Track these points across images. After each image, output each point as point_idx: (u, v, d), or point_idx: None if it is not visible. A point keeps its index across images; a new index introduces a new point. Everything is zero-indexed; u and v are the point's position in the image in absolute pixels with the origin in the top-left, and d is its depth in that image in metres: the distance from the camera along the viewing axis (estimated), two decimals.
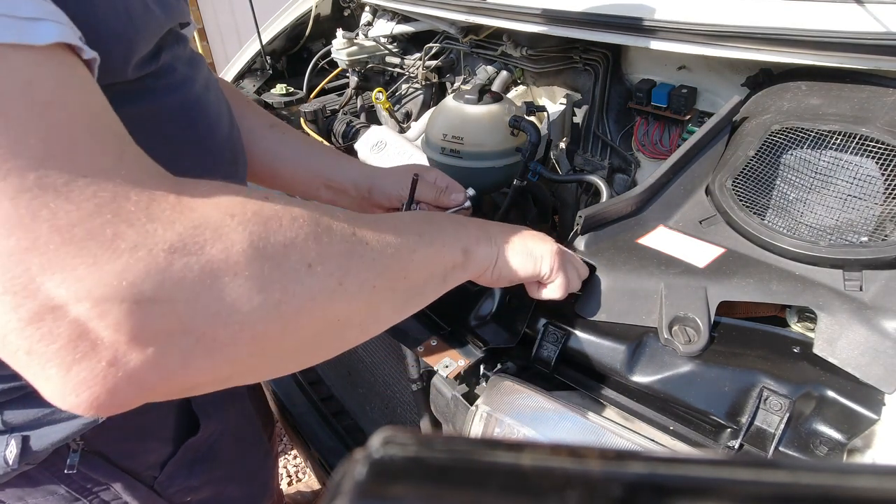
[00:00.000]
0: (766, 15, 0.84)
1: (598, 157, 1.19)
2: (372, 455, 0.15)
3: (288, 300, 0.35)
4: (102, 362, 0.30)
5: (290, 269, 0.36)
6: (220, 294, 0.32)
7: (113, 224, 0.30)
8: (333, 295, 0.38)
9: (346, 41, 1.50)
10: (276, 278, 0.35)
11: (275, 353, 0.37)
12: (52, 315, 0.29)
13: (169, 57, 0.55)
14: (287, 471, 1.71)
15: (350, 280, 0.40)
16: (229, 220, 0.34)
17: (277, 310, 0.35)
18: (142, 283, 0.30)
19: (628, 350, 0.61)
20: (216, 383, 0.36)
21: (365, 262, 0.41)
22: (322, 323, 0.39)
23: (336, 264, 0.39)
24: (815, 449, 0.51)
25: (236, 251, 0.33)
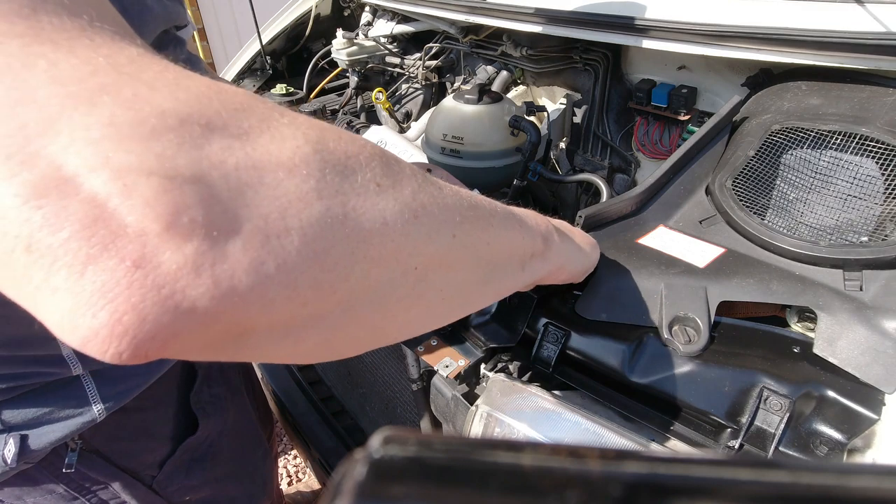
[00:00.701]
0: (766, 15, 0.84)
1: (598, 157, 1.19)
2: (372, 455, 0.15)
3: (354, 218, 0.28)
4: (127, 261, 0.21)
5: (357, 182, 0.28)
6: (273, 191, 0.25)
7: (132, 84, 0.23)
8: (409, 226, 0.31)
9: (346, 41, 1.50)
10: (340, 188, 0.27)
11: (343, 293, 0.29)
12: (60, 189, 0.21)
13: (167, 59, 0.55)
14: (287, 471, 1.71)
15: (426, 217, 0.32)
16: (278, 115, 0.27)
17: (343, 225, 0.27)
18: (174, 155, 0.22)
19: (628, 350, 0.61)
20: (273, 334, 0.27)
21: (441, 204, 0.34)
22: (397, 263, 0.31)
23: (410, 194, 0.31)
24: (815, 449, 0.51)
25: (290, 147, 0.26)
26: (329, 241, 0.27)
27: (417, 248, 0.32)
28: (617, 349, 0.62)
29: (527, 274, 0.46)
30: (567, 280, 0.57)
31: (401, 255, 0.31)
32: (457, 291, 0.38)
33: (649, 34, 0.93)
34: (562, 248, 0.51)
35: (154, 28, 0.52)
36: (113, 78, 0.23)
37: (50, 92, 0.21)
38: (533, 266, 0.46)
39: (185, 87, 0.24)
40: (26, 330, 0.54)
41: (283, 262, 0.25)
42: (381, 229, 0.29)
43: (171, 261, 0.22)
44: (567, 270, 0.54)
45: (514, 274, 0.45)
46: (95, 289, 0.21)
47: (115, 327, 0.21)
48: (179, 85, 0.24)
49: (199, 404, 0.78)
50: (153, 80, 0.24)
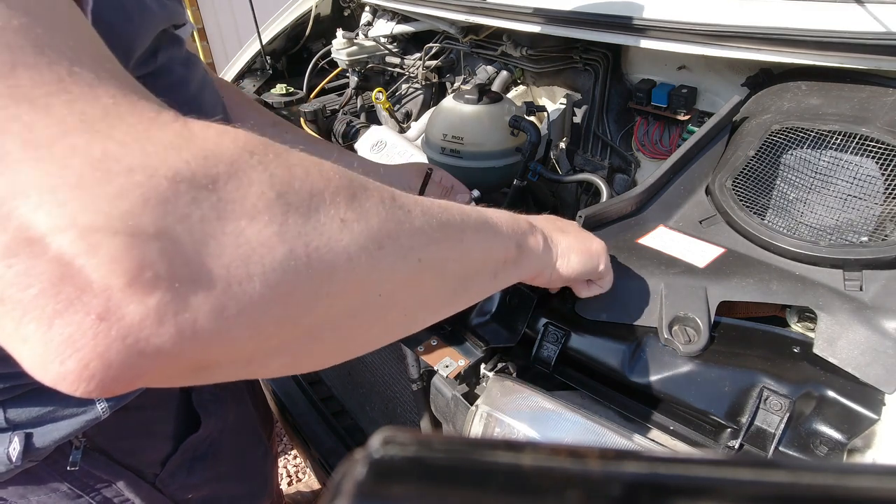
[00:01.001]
0: (766, 15, 0.84)
1: (598, 157, 1.19)
2: (372, 455, 0.15)
3: (319, 257, 0.29)
4: (92, 314, 0.23)
5: (320, 221, 0.29)
6: (236, 240, 0.26)
7: (103, 142, 0.24)
8: (373, 259, 0.32)
9: (346, 41, 1.50)
10: (303, 230, 0.28)
11: (307, 326, 0.31)
12: (29, 249, 0.22)
13: (165, 58, 0.55)
14: (287, 471, 1.71)
15: (392, 245, 0.33)
16: (247, 156, 0.28)
17: (307, 266, 0.28)
18: (140, 213, 0.23)
19: (628, 350, 0.61)
20: (236, 365, 0.29)
21: (408, 229, 0.35)
22: (360, 294, 0.32)
23: (375, 225, 0.32)
24: (815, 449, 0.51)
25: (255, 192, 0.27)
26: (292, 282, 0.28)
27: (382, 277, 0.33)
28: (617, 349, 0.62)
29: (499, 280, 0.47)
30: (555, 284, 0.56)
31: (365, 286, 0.33)
32: (423, 307, 0.40)
33: (649, 34, 0.93)
34: (537, 253, 0.50)
35: (153, 27, 0.52)
36: (84, 138, 0.24)
37: (22, 156, 0.23)
38: (506, 272, 0.47)
39: (155, 140, 0.25)
40: None
41: (245, 306, 0.26)
42: (344, 265, 0.30)
43: (135, 313, 0.23)
44: (546, 276, 0.54)
45: (485, 282, 0.46)
46: (62, 339, 0.23)
47: (83, 372, 0.23)
48: (150, 138, 0.25)
49: (201, 403, 0.79)
50: (124, 136, 0.25)
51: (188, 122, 0.28)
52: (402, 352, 0.86)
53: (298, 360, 0.33)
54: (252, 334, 0.28)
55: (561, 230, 0.56)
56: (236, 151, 0.28)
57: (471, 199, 0.87)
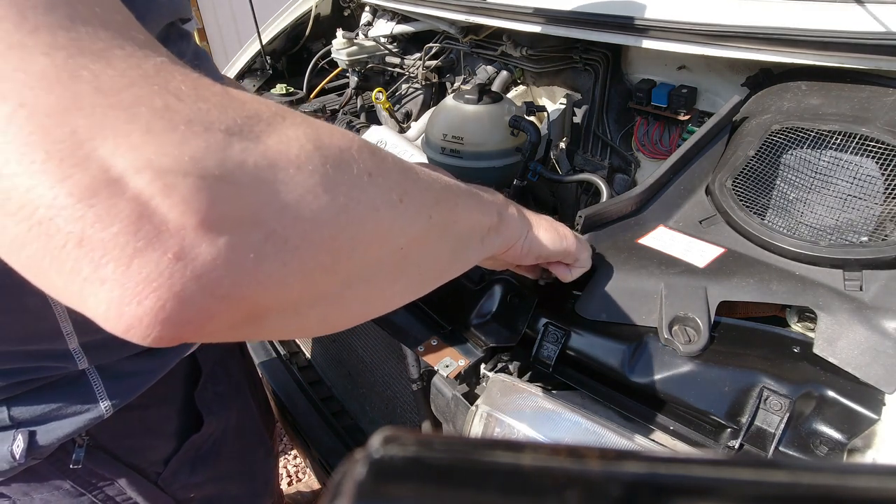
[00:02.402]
0: (766, 15, 0.84)
1: (598, 157, 1.19)
2: (372, 455, 0.15)
3: (353, 206, 0.31)
4: (169, 253, 0.24)
5: (352, 174, 0.32)
6: (286, 187, 0.28)
7: (162, 95, 0.25)
8: (395, 211, 0.35)
9: (346, 41, 1.50)
10: (339, 180, 0.31)
11: (344, 273, 0.33)
12: (109, 188, 0.23)
13: (174, 52, 0.55)
14: (287, 471, 1.71)
15: (409, 200, 0.37)
16: (280, 119, 0.30)
17: (346, 214, 0.31)
18: (204, 157, 0.25)
19: (628, 350, 0.61)
20: (285, 313, 0.31)
21: (420, 187, 0.39)
22: (386, 244, 0.35)
23: (395, 180, 0.36)
24: (815, 449, 0.51)
25: (295, 145, 0.29)
26: (334, 228, 0.30)
27: (403, 230, 0.36)
28: (617, 349, 0.62)
29: (486, 247, 0.50)
30: (526, 259, 0.58)
31: (389, 237, 0.36)
32: (432, 265, 0.43)
33: (649, 34, 0.93)
34: (515, 222, 0.54)
35: (160, 20, 0.52)
36: (146, 90, 0.25)
37: (95, 101, 0.24)
38: (490, 239, 0.51)
39: (204, 97, 0.27)
40: (34, 325, 0.55)
41: (298, 248, 0.29)
42: (373, 215, 0.33)
43: (207, 253, 0.25)
44: (519, 247, 0.56)
45: (476, 247, 0.49)
46: (141, 279, 0.24)
47: (159, 314, 0.24)
48: (200, 95, 0.27)
49: (204, 402, 0.79)
50: (178, 91, 0.26)
51: (226, 87, 0.30)
52: (402, 352, 0.86)
53: (333, 313, 0.36)
54: (302, 278, 0.29)
55: (530, 212, 0.59)
56: (271, 113, 0.30)
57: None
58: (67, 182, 0.23)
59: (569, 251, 0.60)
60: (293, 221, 0.28)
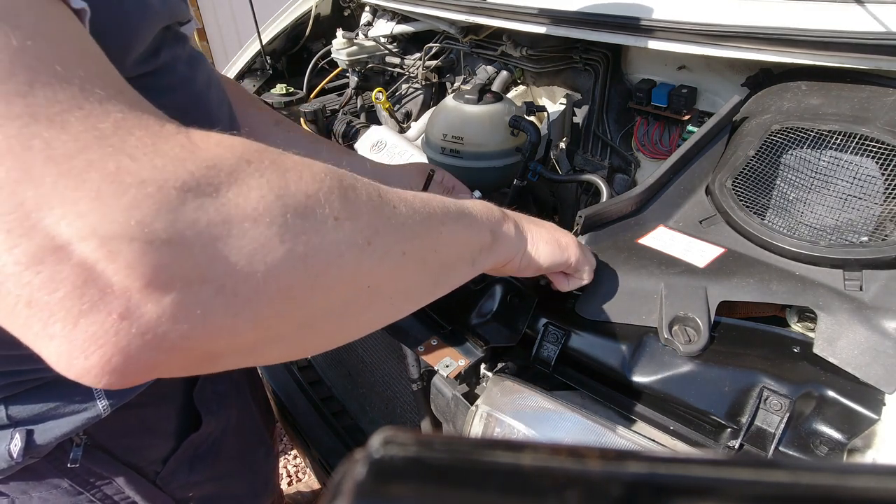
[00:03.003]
0: (766, 15, 0.84)
1: (598, 157, 1.19)
2: (372, 455, 0.15)
3: (313, 255, 0.32)
4: (113, 314, 0.26)
5: (316, 220, 0.32)
6: (240, 241, 0.29)
7: (116, 157, 0.26)
8: (362, 254, 0.35)
9: (346, 41, 1.50)
10: (300, 229, 0.31)
11: (303, 317, 0.34)
12: (54, 256, 0.25)
13: (168, 56, 0.55)
14: (287, 471, 1.71)
15: (379, 241, 0.36)
16: (245, 165, 0.30)
17: (304, 263, 0.31)
18: (153, 221, 0.26)
19: (628, 350, 0.61)
20: (240, 353, 0.32)
21: (393, 224, 0.38)
22: (351, 286, 0.36)
23: (364, 222, 0.35)
24: (815, 449, 0.51)
25: (255, 196, 0.30)
26: (291, 277, 0.31)
27: (370, 271, 0.36)
28: (617, 349, 0.62)
29: (476, 267, 0.51)
30: (525, 272, 0.58)
31: (355, 279, 0.36)
32: (408, 296, 0.43)
33: (649, 34, 0.93)
34: (510, 240, 0.54)
35: (154, 25, 0.51)
36: (99, 153, 0.26)
37: (45, 171, 0.25)
38: (482, 258, 0.51)
39: (162, 152, 0.28)
40: None
41: (250, 300, 0.30)
42: (337, 261, 0.33)
43: (152, 311, 0.26)
44: (517, 262, 0.56)
45: (463, 270, 0.49)
46: (87, 337, 0.26)
47: (105, 366, 0.26)
48: (157, 151, 0.28)
49: (203, 401, 0.79)
50: (134, 150, 0.27)
51: (190, 132, 0.30)
52: (402, 352, 0.86)
53: (295, 347, 0.37)
54: (255, 326, 0.31)
55: (532, 222, 0.59)
56: (235, 160, 0.30)
57: (472, 199, 0.87)
58: (15, 251, 0.24)
59: (569, 264, 0.61)
60: (245, 276, 0.29)
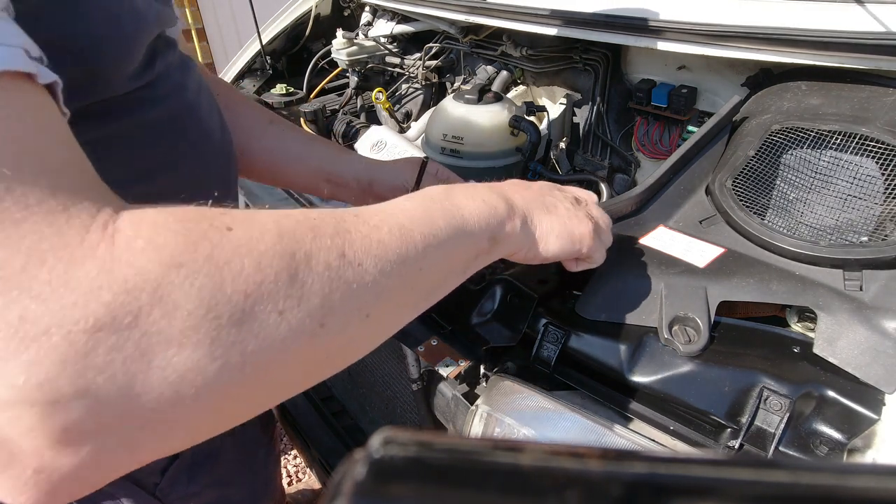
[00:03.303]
0: (766, 15, 0.84)
1: (598, 157, 1.19)
2: (372, 455, 0.15)
3: (251, 360, 0.29)
4: (28, 470, 0.25)
5: (256, 322, 0.29)
6: (163, 373, 0.26)
7: (20, 302, 0.24)
8: (313, 338, 0.32)
9: (346, 41, 1.50)
10: (235, 339, 0.28)
11: (242, 415, 0.33)
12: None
13: (163, 65, 0.54)
14: (287, 471, 1.71)
15: (334, 319, 0.33)
16: (174, 273, 0.27)
17: (241, 371, 0.29)
18: (57, 377, 0.24)
19: (628, 350, 0.61)
20: (178, 449, 0.32)
21: (356, 290, 0.34)
22: (299, 367, 0.33)
23: (317, 304, 0.32)
24: (815, 449, 0.51)
25: (181, 316, 0.27)
26: (227, 389, 0.29)
27: (326, 350, 0.34)
28: (617, 349, 0.62)
29: (469, 271, 0.47)
30: (532, 261, 0.54)
31: (305, 363, 0.33)
32: (376, 334, 0.41)
33: (649, 34, 0.93)
34: (515, 239, 0.50)
35: (148, 34, 0.51)
36: (2, 301, 0.24)
37: None
38: (477, 263, 0.47)
39: (74, 283, 0.25)
40: None
41: (180, 422, 0.28)
42: (281, 357, 0.31)
43: (68, 464, 0.26)
44: (523, 254, 0.53)
45: (453, 281, 0.45)
46: (11, 486, 0.26)
47: (38, 503, 0.26)
48: (69, 282, 0.25)
49: None
50: (43, 287, 0.24)
51: (115, 238, 0.27)
52: (402, 352, 0.86)
53: (232, 423, 0.34)
54: (186, 443, 0.31)
55: (547, 208, 0.53)
56: (162, 271, 0.27)
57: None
58: None
59: (580, 253, 0.57)
60: (171, 406, 0.27)
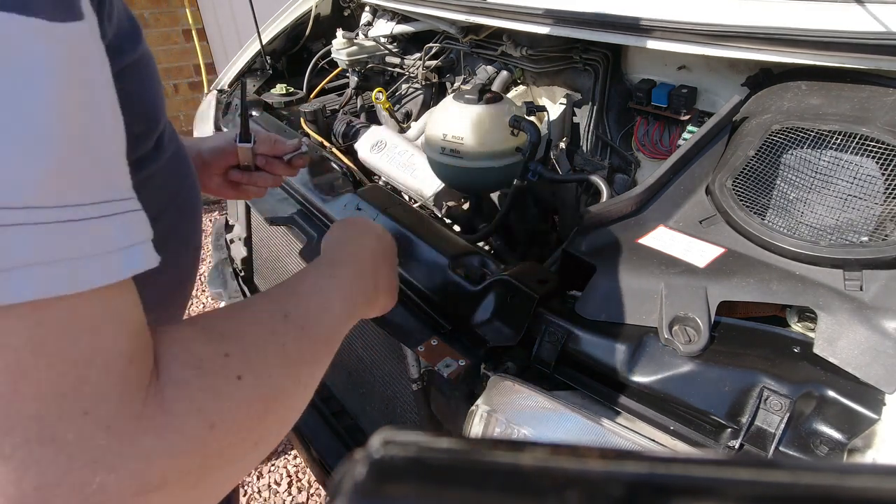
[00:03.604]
0: (766, 15, 0.84)
1: (598, 157, 1.19)
2: (372, 455, 0.15)
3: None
4: None
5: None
6: None
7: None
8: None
9: (346, 41, 1.50)
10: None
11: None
12: None
13: (128, 89, 0.55)
14: (287, 471, 1.71)
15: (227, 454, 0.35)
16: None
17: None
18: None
19: (628, 350, 0.61)
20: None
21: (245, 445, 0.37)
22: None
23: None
24: (816, 449, 0.51)
25: None
26: None
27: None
28: (617, 349, 0.62)
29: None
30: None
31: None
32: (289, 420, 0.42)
33: (649, 34, 0.93)
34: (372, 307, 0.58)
35: (121, 63, 0.51)
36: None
37: None
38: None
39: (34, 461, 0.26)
40: None
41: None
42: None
43: None
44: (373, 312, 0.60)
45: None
46: None
47: None
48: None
49: None
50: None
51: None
52: (402, 352, 0.86)
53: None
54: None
55: (377, 270, 0.59)
56: (115, 443, 0.28)
57: (300, 142, 0.82)
58: None
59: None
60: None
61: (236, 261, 1.62)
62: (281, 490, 1.63)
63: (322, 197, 1.07)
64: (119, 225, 0.29)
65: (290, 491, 1.63)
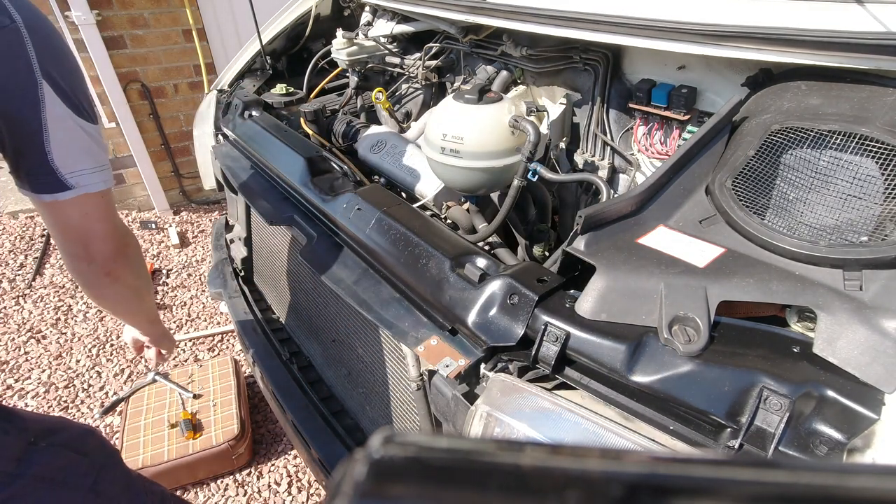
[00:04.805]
0: (766, 15, 0.84)
1: (598, 157, 1.19)
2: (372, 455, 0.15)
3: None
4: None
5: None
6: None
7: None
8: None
9: (346, 41, 1.50)
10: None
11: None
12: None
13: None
14: (287, 471, 1.71)
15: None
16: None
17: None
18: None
19: (628, 350, 0.61)
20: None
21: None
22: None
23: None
24: (815, 449, 0.51)
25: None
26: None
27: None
28: (617, 349, 0.62)
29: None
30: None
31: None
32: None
33: (649, 34, 0.93)
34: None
35: None
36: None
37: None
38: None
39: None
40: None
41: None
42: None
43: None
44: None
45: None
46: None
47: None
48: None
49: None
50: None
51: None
52: (402, 352, 0.86)
53: None
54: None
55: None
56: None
57: None
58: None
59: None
60: None
61: (236, 260, 1.62)
62: (281, 490, 1.63)
63: (322, 197, 1.07)
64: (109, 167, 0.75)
65: (289, 491, 1.63)
